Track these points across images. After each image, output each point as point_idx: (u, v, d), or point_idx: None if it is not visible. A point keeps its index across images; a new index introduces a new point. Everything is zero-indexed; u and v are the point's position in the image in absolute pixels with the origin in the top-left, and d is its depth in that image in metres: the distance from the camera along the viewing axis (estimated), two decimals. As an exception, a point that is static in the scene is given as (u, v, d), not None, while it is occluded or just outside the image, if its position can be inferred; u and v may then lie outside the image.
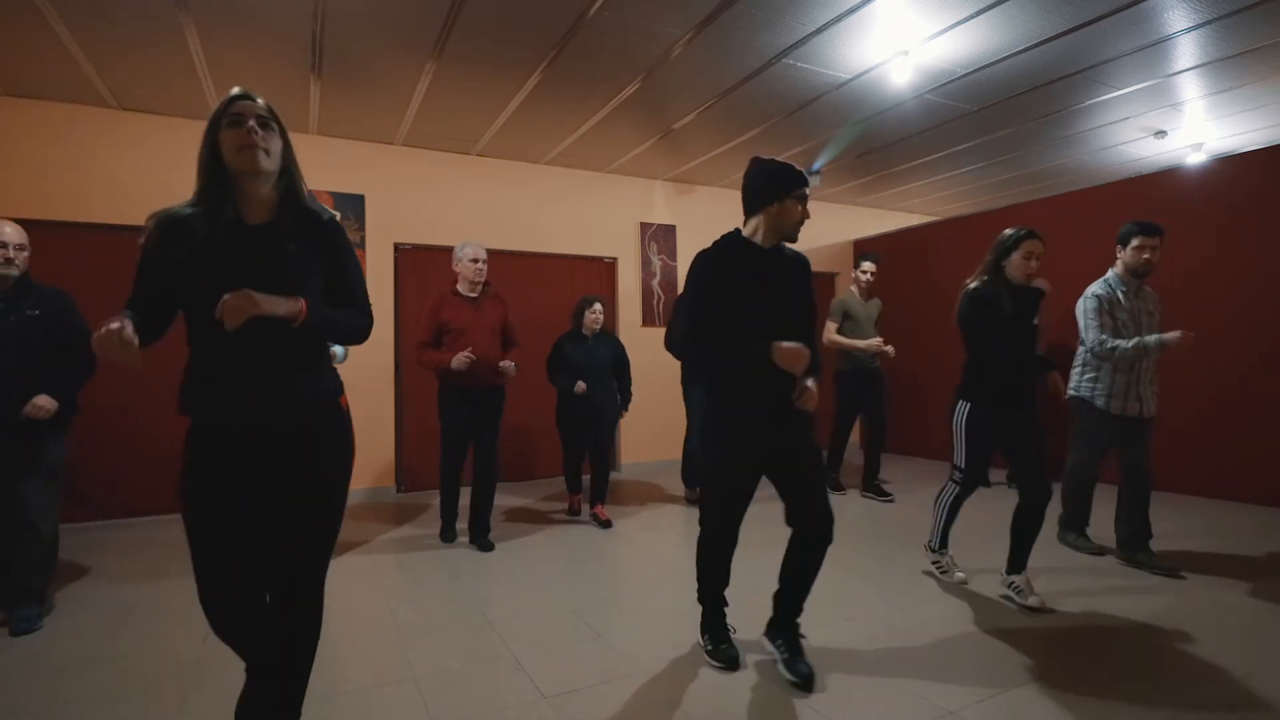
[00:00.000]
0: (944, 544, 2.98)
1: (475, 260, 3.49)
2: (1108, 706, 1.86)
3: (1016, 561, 2.69)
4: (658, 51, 3.71)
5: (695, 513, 4.36)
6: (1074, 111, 4.73)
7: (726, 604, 2.28)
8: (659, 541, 3.72)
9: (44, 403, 2.53)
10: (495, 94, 4.26)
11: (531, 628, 2.50)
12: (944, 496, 2.93)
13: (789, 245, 2.15)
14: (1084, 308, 3.15)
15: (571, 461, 4.26)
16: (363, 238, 5.05)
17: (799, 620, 2.18)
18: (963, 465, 2.79)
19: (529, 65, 3.85)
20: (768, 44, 3.63)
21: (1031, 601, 2.58)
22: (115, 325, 1.23)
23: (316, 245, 1.51)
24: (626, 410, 4.24)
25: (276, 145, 1.46)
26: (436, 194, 5.33)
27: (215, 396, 1.43)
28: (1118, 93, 4.40)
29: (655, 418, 6.05)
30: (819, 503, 2.07)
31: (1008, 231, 2.69)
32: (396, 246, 5.23)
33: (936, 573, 2.99)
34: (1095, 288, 3.16)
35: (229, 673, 2.14)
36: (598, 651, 2.29)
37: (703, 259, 2.10)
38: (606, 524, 4.02)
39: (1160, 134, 5.19)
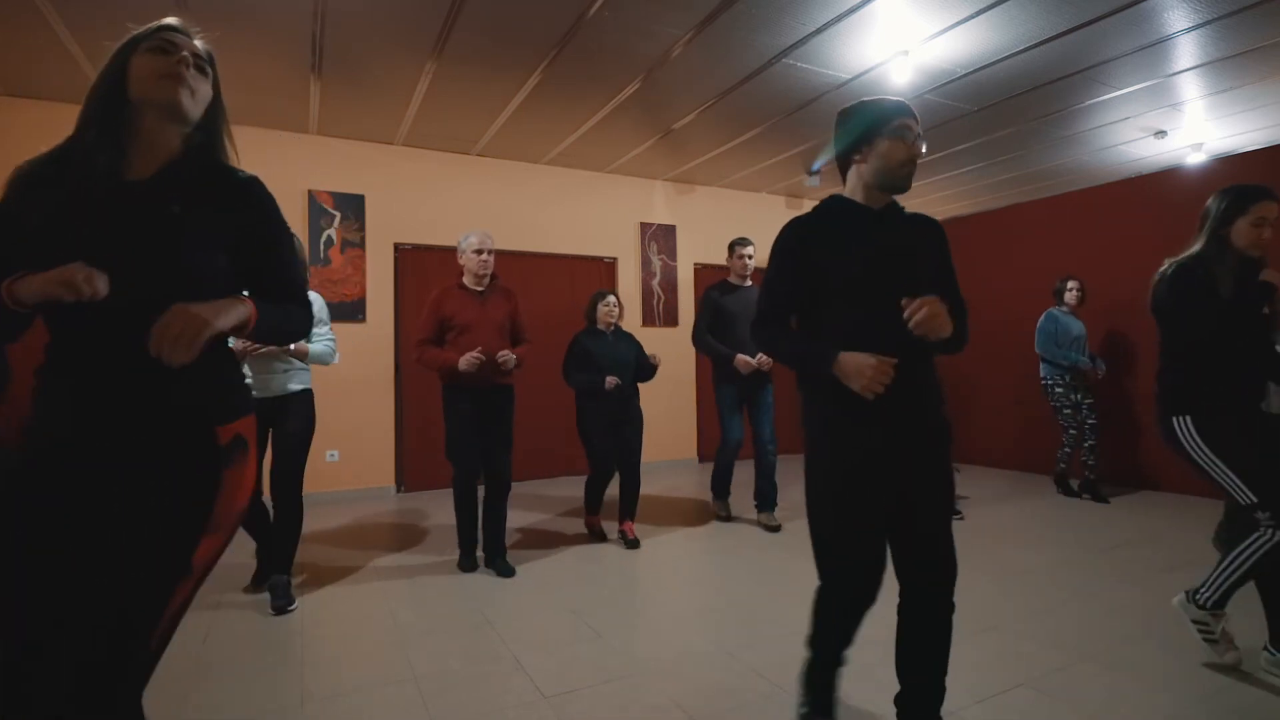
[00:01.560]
0: (1221, 604, 2.07)
1: (479, 251, 3.20)
2: (1110, 704, 1.86)
3: None
4: (658, 51, 3.71)
5: (696, 513, 4.39)
6: (1074, 111, 4.73)
7: (843, 663, 1.68)
8: (660, 542, 3.72)
9: None
10: (495, 94, 4.26)
11: (531, 628, 2.50)
12: (1254, 546, 1.98)
13: (905, 208, 1.68)
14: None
15: (599, 476, 3.73)
16: (363, 238, 5.05)
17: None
18: (1255, 496, 1.93)
19: (529, 65, 3.85)
20: (768, 44, 3.63)
21: None
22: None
23: (220, 210, 1.13)
24: (652, 375, 3.77)
25: (206, 92, 1.16)
26: (436, 194, 5.34)
27: (65, 400, 1.05)
28: (1118, 93, 4.40)
29: (662, 418, 6.05)
30: (939, 547, 1.53)
31: (1229, 190, 2.05)
32: (396, 246, 5.23)
33: (1200, 636, 2.11)
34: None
35: (230, 672, 2.14)
36: (598, 651, 2.29)
37: (790, 226, 1.64)
38: (635, 543, 3.59)
39: (1160, 134, 5.19)
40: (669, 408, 6.11)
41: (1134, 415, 4.92)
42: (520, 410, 3.37)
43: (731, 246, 4.03)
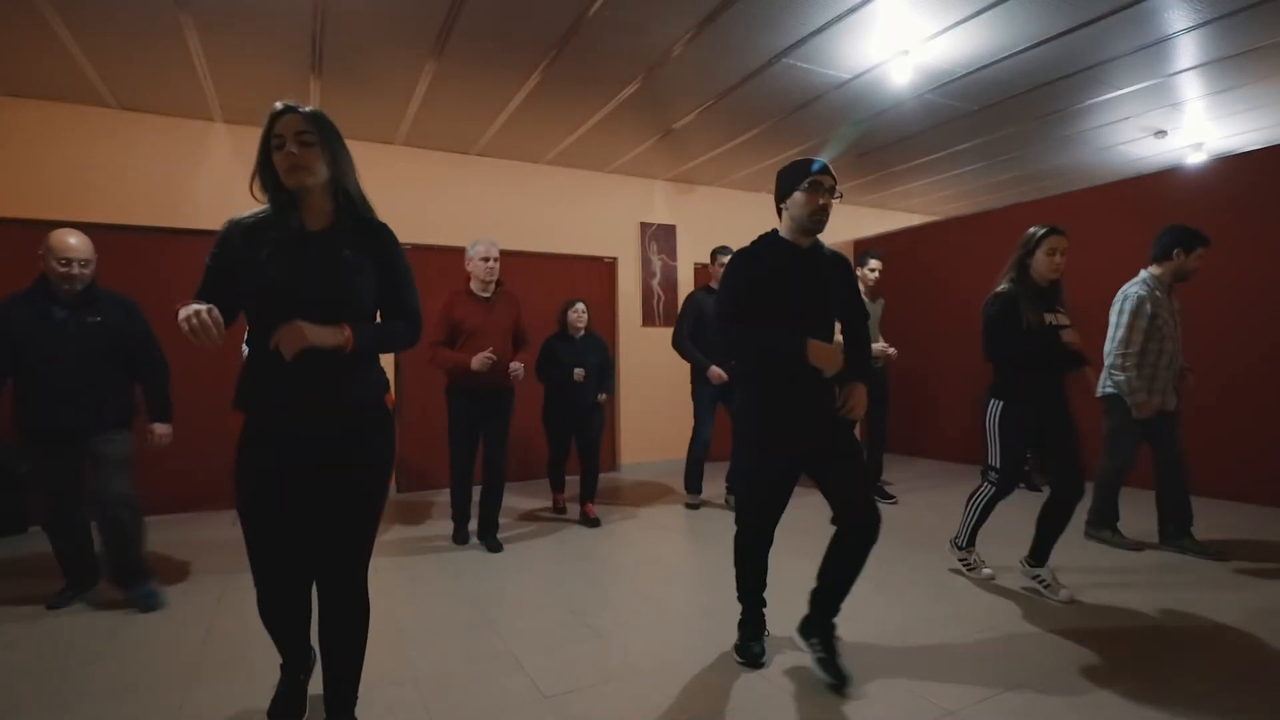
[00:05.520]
0: (971, 542, 2.97)
1: (486, 259, 3.42)
2: (1109, 705, 1.86)
3: (1041, 554, 2.75)
4: (658, 51, 3.71)
5: (696, 514, 4.39)
6: (1074, 111, 4.73)
7: (764, 604, 2.24)
8: (659, 542, 3.72)
9: (163, 431, 2.80)
10: (495, 94, 4.26)
11: (531, 628, 2.50)
12: (978, 496, 2.88)
13: (826, 245, 2.15)
14: (1122, 309, 3.21)
15: (556, 459, 4.28)
16: (363, 238, 5.06)
17: (835, 621, 2.11)
18: (998, 465, 2.78)
19: (529, 65, 3.85)
20: (768, 44, 3.63)
21: (1062, 595, 2.65)
22: (201, 307, 1.35)
23: (370, 251, 1.61)
24: (609, 395, 4.24)
25: (320, 157, 1.54)
26: (436, 194, 5.34)
27: (272, 400, 1.56)
28: (1118, 93, 4.40)
29: (656, 418, 6.05)
30: (862, 498, 2.01)
31: (1032, 229, 2.71)
32: (396, 246, 5.23)
33: (964, 570, 2.98)
34: (1135, 288, 3.22)
35: (229, 672, 2.14)
36: (598, 651, 2.29)
37: (739, 256, 2.10)
38: (595, 522, 4.01)
39: (1160, 134, 5.19)
40: (666, 408, 6.10)
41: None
42: (520, 409, 3.65)
43: (713, 255, 4.41)
